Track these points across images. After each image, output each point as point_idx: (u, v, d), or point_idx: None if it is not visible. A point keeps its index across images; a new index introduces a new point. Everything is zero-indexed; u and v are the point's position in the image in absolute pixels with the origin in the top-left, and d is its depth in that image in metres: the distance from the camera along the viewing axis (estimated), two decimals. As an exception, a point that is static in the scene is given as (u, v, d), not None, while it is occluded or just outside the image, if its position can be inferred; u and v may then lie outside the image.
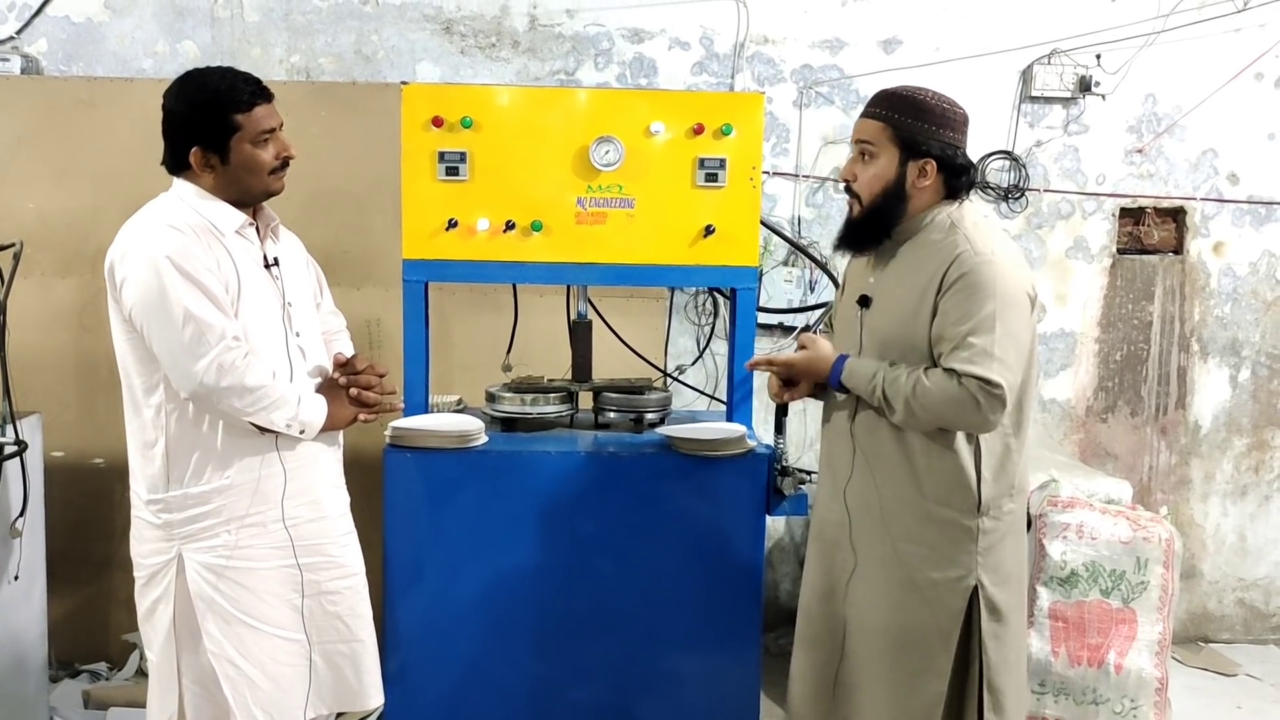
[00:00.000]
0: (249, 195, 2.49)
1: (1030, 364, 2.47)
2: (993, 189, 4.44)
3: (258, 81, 2.47)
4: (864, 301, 2.56)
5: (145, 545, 2.49)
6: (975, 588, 2.45)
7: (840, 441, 2.61)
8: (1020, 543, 2.58)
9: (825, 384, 2.60)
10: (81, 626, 4.01)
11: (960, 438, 2.44)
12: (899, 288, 2.49)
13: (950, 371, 2.33)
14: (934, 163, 2.46)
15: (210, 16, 4.19)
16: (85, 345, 3.98)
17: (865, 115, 2.53)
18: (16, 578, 3.17)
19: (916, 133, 2.45)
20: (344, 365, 2.65)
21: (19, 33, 4.13)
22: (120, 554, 2.61)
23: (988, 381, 2.29)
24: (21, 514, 3.13)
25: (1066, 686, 3.54)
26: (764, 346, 4.33)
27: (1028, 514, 3.27)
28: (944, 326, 2.38)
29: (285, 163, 2.51)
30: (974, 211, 2.53)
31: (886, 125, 2.47)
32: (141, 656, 3.84)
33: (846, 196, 2.60)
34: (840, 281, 2.83)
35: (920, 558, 2.47)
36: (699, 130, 3.01)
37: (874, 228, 2.53)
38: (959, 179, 2.50)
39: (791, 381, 2.69)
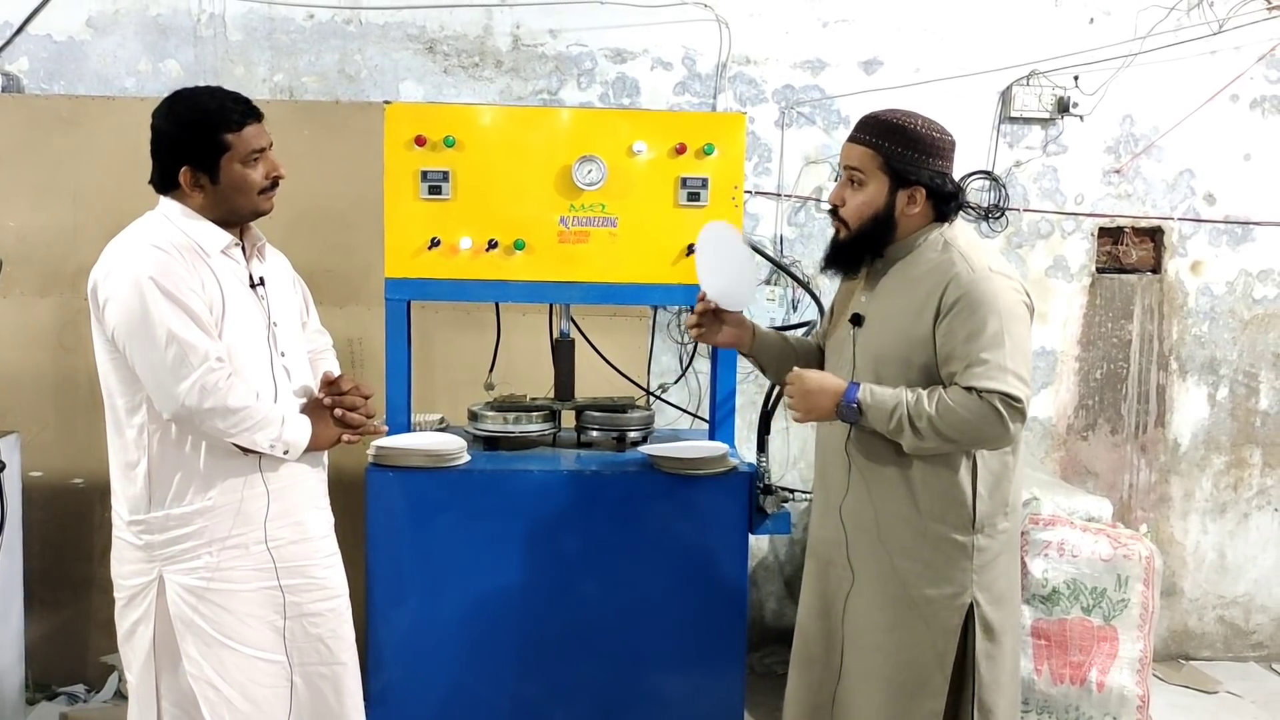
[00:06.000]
0: (237, 215, 2.48)
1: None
2: (973, 208, 4.47)
3: (247, 101, 2.47)
4: (856, 320, 2.55)
5: (126, 566, 2.47)
6: (970, 606, 2.45)
7: (835, 458, 2.58)
8: (1014, 562, 2.57)
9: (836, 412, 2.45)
10: (59, 648, 3.97)
11: (958, 453, 2.44)
12: (893, 306, 2.49)
13: (969, 389, 2.33)
14: (923, 191, 2.46)
15: (193, 35, 4.18)
16: (64, 364, 3.95)
17: (854, 141, 2.50)
18: (-7, 599, 3.15)
19: (906, 162, 2.43)
20: (330, 385, 2.63)
21: (0, 51, 4.11)
22: (99, 575, 2.60)
23: (1009, 396, 2.31)
24: (-1, 534, 3.11)
25: (1049, 704, 3.55)
26: (746, 365, 4.33)
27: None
28: (953, 346, 2.37)
29: (275, 182, 2.49)
30: (966, 230, 2.54)
31: (876, 154, 2.45)
32: (120, 678, 3.80)
33: (830, 219, 2.59)
34: (830, 308, 2.79)
35: (916, 574, 2.47)
36: (681, 150, 3.03)
37: (860, 251, 2.53)
38: (948, 204, 2.50)
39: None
